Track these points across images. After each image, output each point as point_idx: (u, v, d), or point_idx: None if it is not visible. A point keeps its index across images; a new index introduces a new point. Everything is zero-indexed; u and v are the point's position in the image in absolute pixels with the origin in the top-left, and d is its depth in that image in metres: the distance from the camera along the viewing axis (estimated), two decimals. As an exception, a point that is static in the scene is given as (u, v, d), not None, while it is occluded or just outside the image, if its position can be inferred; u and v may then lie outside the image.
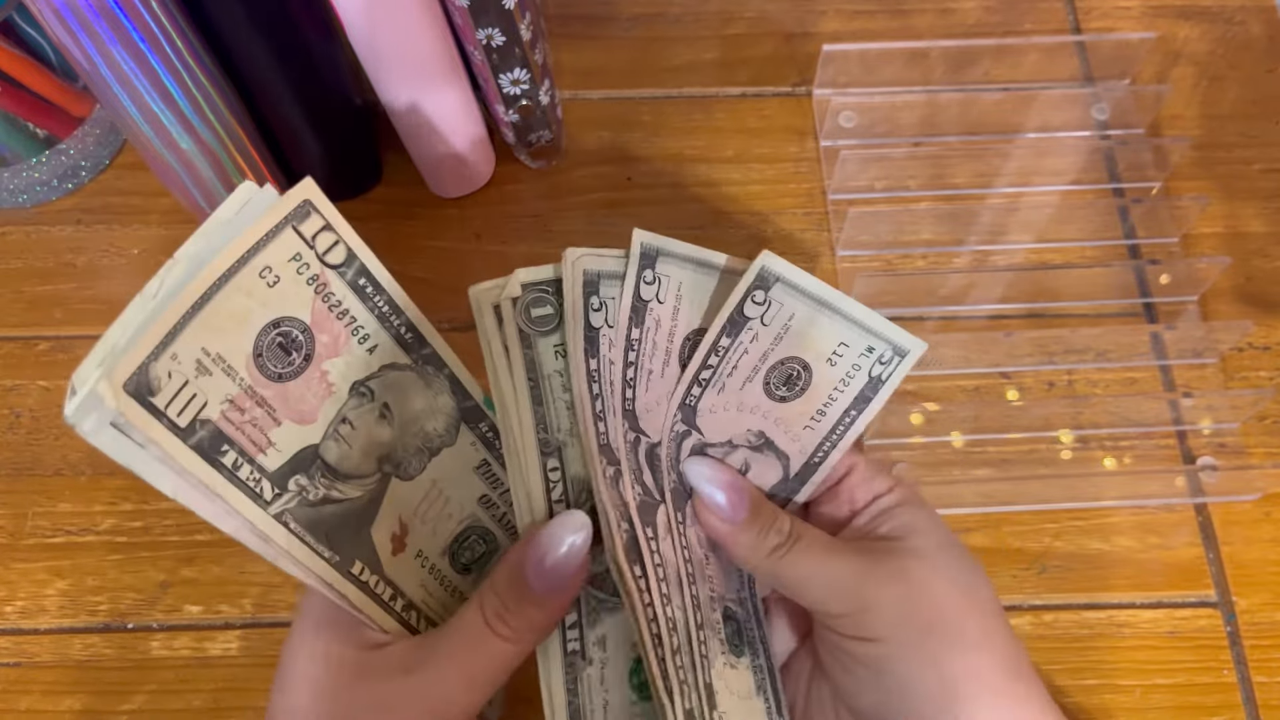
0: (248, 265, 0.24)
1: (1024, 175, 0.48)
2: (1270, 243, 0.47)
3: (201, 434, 0.23)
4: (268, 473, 0.25)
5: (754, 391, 0.31)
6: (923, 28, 0.53)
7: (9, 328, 0.45)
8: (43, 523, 0.41)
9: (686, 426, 0.31)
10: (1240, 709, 0.38)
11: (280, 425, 0.25)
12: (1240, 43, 0.52)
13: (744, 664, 0.32)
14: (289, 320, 0.25)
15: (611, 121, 0.50)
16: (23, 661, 0.39)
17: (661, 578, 0.30)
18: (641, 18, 0.53)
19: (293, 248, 0.25)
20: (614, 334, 0.29)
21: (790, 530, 0.30)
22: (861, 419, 0.31)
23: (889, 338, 0.30)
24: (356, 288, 0.26)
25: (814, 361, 0.31)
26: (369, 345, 0.27)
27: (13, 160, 0.45)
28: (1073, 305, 0.45)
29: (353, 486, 0.27)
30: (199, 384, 0.23)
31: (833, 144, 0.49)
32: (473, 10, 0.39)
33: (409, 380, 0.29)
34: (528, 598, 0.28)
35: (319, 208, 0.25)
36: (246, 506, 0.24)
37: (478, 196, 0.48)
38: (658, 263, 0.29)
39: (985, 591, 0.29)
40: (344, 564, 0.27)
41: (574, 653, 0.30)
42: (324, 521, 0.26)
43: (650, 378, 0.30)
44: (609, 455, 0.29)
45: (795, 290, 0.30)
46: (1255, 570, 0.40)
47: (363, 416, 0.27)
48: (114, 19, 0.35)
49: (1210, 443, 0.42)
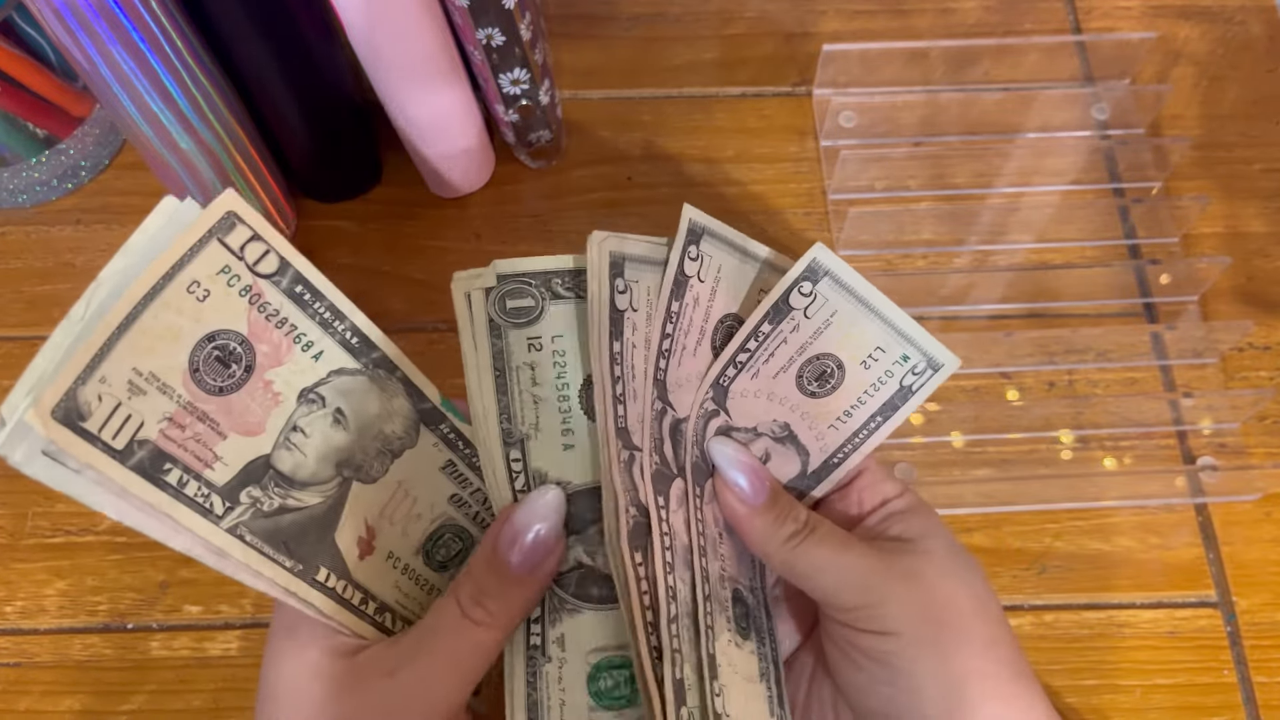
0: (173, 281, 0.23)
1: (1024, 175, 0.48)
2: (1270, 243, 0.47)
3: (141, 454, 0.23)
4: (216, 487, 0.25)
5: (786, 382, 0.31)
6: (923, 28, 0.53)
7: (8, 328, 0.45)
8: (42, 523, 0.41)
9: (716, 407, 0.31)
10: (1240, 709, 0.38)
11: (226, 439, 0.25)
12: (1240, 43, 0.52)
13: (749, 648, 0.32)
14: (224, 333, 0.25)
15: (611, 121, 0.50)
16: (22, 661, 0.39)
17: (668, 546, 0.29)
18: (641, 18, 0.53)
19: (220, 260, 0.24)
20: (650, 308, 0.29)
21: (806, 520, 0.30)
22: (886, 426, 0.31)
23: (925, 349, 0.30)
24: (294, 295, 0.26)
25: (849, 361, 0.31)
26: (313, 352, 0.27)
27: (12, 160, 0.45)
28: (1073, 305, 0.45)
29: (311, 493, 0.27)
30: (133, 405, 0.23)
31: (833, 144, 0.49)
32: (473, 10, 0.39)
33: (361, 384, 0.28)
34: (507, 578, 0.28)
35: (244, 218, 0.25)
36: (196, 523, 0.24)
37: (478, 196, 0.48)
38: (702, 241, 0.29)
39: (990, 597, 0.29)
40: (308, 572, 0.27)
41: (535, 647, 0.30)
42: (282, 531, 0.26)
43: (684, 353, 0.30)
44: (625, 439, 0.29)
45: (842, 287, 0.30)
46: (1255, 570, 0.40)
47: (315, 423, 0.27)
48: (114, 19, 0.35)
49: (1210, 443, 0.42)
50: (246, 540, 0.25)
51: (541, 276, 0.29)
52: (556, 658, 0.30)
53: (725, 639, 0.31)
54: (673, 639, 0.28)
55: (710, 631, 0.30)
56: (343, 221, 0.47)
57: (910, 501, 0.31)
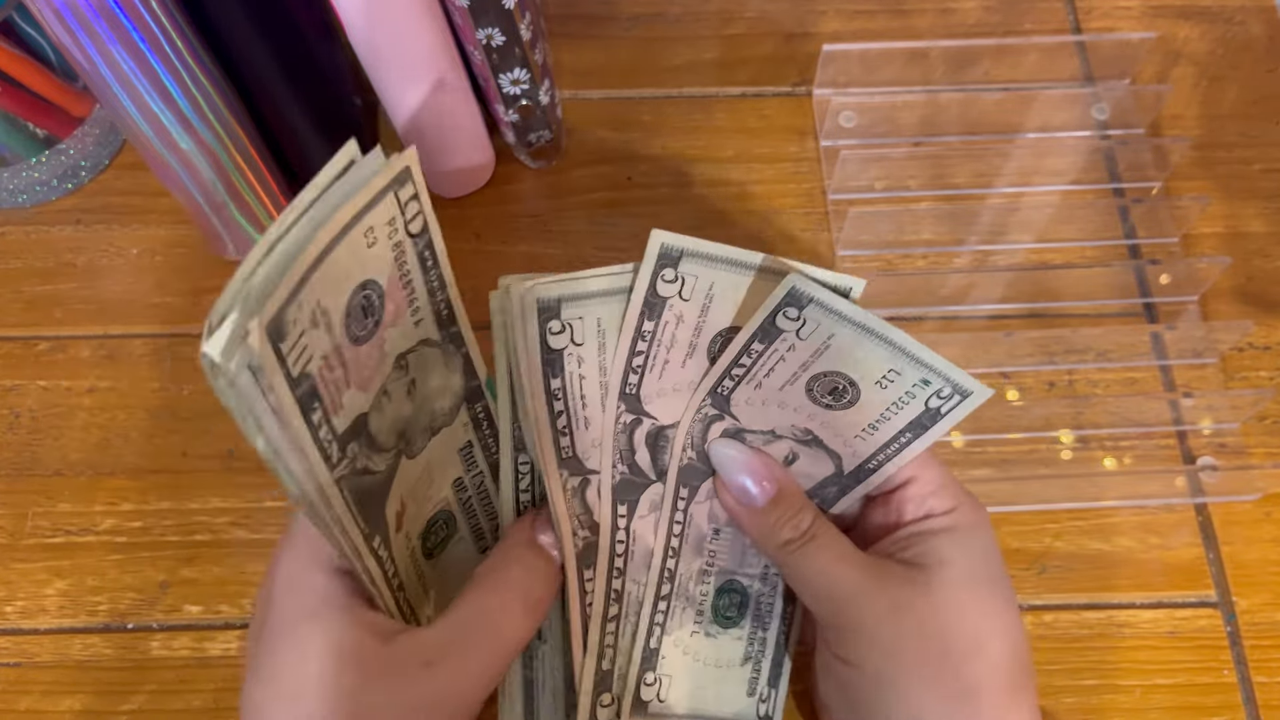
0: (359, 224, 0.23)
1: (1024, 175, 0.48)
2: (1270, 243, 0.47)
3: (304, 387, 0.22)
4: (337, 434, 0.24)
5: (796, 394, 0.30)
6: (923, 28, 0.53)
7: (9, 328, 0.45)
8: (42, 523, 0.41)
9: (719, 411, 0.31)
10: (1240, 709, 0.38)
11: (349, 389, 0.24)
12: (1240, 43, 0.52)
13: (732, 635, 0.33)
14: (372, 284, 0.24)
15: (611, 121, 0.50)
16: (22, 662, 0.39)
17: (620, 554, 0.31)
18: (641, 18, 0.53)
19: (390, 212, 0.24)
20: (601, 337, 0.29)
21: (808, 529, 0.29)
22: (920, 442, 0.30)
23: (947, 375, 0.29)
24: (421, 259, 0.26)
25: (861, 381, 0.30)
26: (417, 318, 0.27)
27: (12, 160, 0.45)
28: (1073, 305, 0.45)
29: (380, 460, 0.26)
30: (310, 336, 0.22)
31: (833, 144, 0.49)
32: (473, 10, 0.39)
33: (434, 357, 0.28)
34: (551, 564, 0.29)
35: (414, 176, 0.24)
36: (320, 468, 0.23)
37: (478, 196, 0.48)
38: (681, 263, 0.29)
39: (1003, 640, 0.27)
40: (370, 537, 0.26)
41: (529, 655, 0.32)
42: (361, 492, 0.25)
43: (667, 367, 0.30)
44: (573, 467, 0.30)
45: (834, 314, 0.28)
46: (1255, 570, 0.40)
47: (397, 390, 0.27)
48: (114, 19, 0.35)
49: (1210, 443, 0.42)
50: (344, 494, 0.24)
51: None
52: (550, 641, 0.32)
53: (684, 632, 0.33)
54: (606, 636, 0.31)
55: (658, 629, 0.32)
56: (343, 221, 0.47)
57: (950, 522, 0.29)
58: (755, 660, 0.33)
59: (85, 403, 0.43)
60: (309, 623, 0.25)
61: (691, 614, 0.33)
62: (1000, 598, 0.28)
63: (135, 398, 0.43)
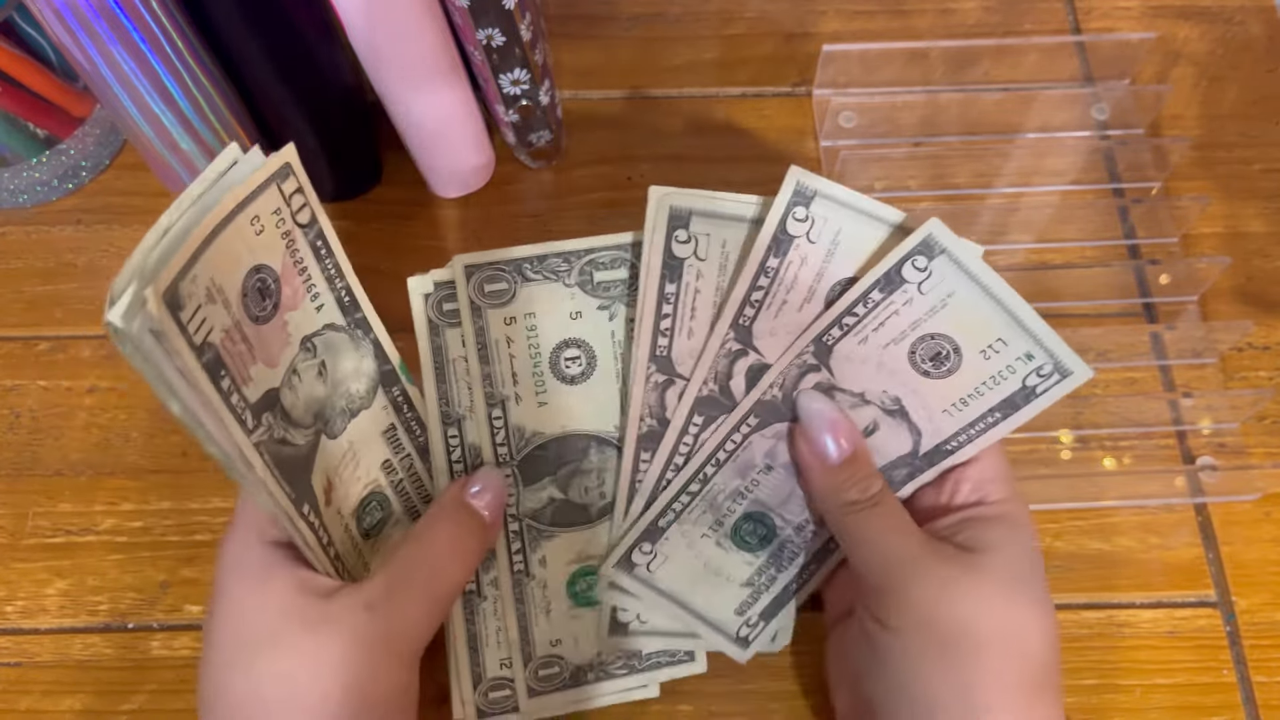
0: (243, 212, 0.26)
1: (1024, 175, 0.48)
2: (1270, 243, 0.47)
3: (209, 355, 0.25)
4: (249, 403, 0.26)
5: (898, 355, 0.30)
6: (923, 28, 0.53)
7: (9, 328, 0.45)
8: (43, 523, 0.41)
9: (817, 362, 0.31)
10: (1240, 709, 0.38)
11: (256, 364, 0.27)
12: (1240, 43, 0.52)
13: (743, 558, 0.34)
14: (266, 268, 0.27)
15: (611, 122, 0.50)
16: (23, 661, 0.39)
17: (682, 453, 0.32)
18: (641, 18, 0.53)
19: (275, 203, 0.27)
20: (725, 259, 0.31)
21: (875, 495, 0.30)
22: (1006, 424, 0.30)
23: (1054, 351, 0.29)
24: (314, 248, 0.29)
25: (966, 347, 0.30)
26: (318, 303, 0.29)
27: (13, 160, 0.45)
28: (1073, 305, 0.45)
29: (298, 434, 0.29)
30: (208, 310, 0.25)
31: (833, 144, 0.49)
32: (473, 10, 0.39)
33: (342, 341, 0.31)
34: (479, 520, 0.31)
35: (296, 172, 0.28)
36: (236, 430, 0.25)
37: (478, 196, 0.48)
38: (814, 203, 0.29)
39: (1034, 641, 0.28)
40: (299, 503, 0.28)
41: (519, 571, 0.33)
42: (283, 460, 0.28)
43: (784, 307, 0.31)
44: (662, 365, 0.31)
45: (961, 269, 0.28)
46: (1255, 570, 0.40)
47: (307, 370, 0.29)
48: (114, 19, 0.35)
49: (1210, 443, 0.42)
50: (265, 458, 0.27)
51: (514, 263, 0.32)
52: (539, 575, 0.34)
53: (697, 532, 0.33)
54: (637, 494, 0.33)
55: (674, 514, 0.33)
56: (343, 221, 0.47)
57: (1002, 511, 0.30)
58: (756, 589, 0.34)
59: (86, 403, 0.43)
60: (253, 590, 0.27)
61: (710, 520, 0.33)
62: (1041, 594, 0.29)
63: (136, 398, 0.44)
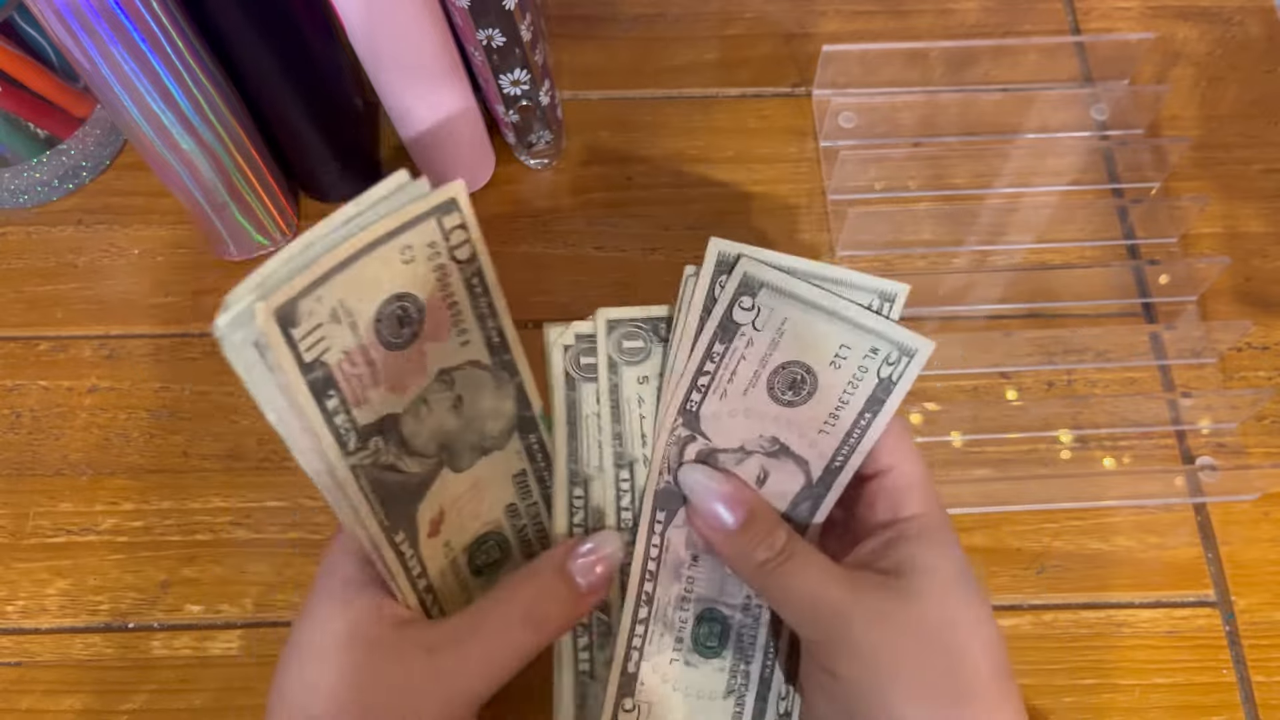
0: (394, 240, 0.26)
1: (1023, 175, 0.48)
2: (1269, 243, 0.47)
3: (318, 373, 0.25)
4: (357, 425, 0.27)
5: (759, 397, 0.31)
6: (922, 28, 0.53)
7: (10, 328, 0.45)
8: (44, 522, 0.41)
9: (690, 431, 0.31)
10: (1239, 709, 0.38)
11: (378, 388, 0.27)
12: (1239, 43, 0.52)
13: (714, 665, 0.33)
14: (410, 297, 0.27)
15: (611, 121, 0.50)
16: (24, 661, 0.39)
17: (654, 556, 0.32)
18: (641, 18, 0.53)
19: (431, 235, 0.27)
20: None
21: (783, 547, 0.30)
22: (878, 421, 0.31)
23: (892, 337, 0.30)
24: (469, 285, 0.29)
25: (816, 365, 0.30)
26: (463, 339, 0.30)
27: (13, 160, 0.45)
28: (1072, 305, 0.45)
29: (414, 463, 0.29)
30: (329, 329, 0.25)
31: (832, 144, 0.49)
32: (473, 11, 0.39)
33: (484, 379, 0.31)
34: (572, 590, 0.29)
35: (461, 208, 0.28)
36: (332, 449, 0.26)
37: (478, 196, 0.48)
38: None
39: (980, 647, 0.28)
40: (391, 530, 0.28)
41: (584, 672, 0.32)
42: (384, 486, 0.28)
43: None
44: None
45: (784, 296, 0.29)
46: (1254, 570, 0.40)
47: (439, 402, 0.29)
48: (115, 19, 0.35)
49: (1209, 442, 0.42)
50: (360, 482, 0.27)
51: (651, 322, 0.32)
52: (601, 678, 0.32)
53: (665, 659, 0.32)
54: (634, 638, 0.32)
55: (638, 652, 0.32)
56: (343, 222, 0.47)
57: (920, 526, 0.30)
58: (739, 694, 0.33)
59: (86, 403, 0.43)
60: (330, 602, 0.28)
61: (670, 641, 0.32)
62: (978, 602, 0.29)
63: (136, 398, 0.44)
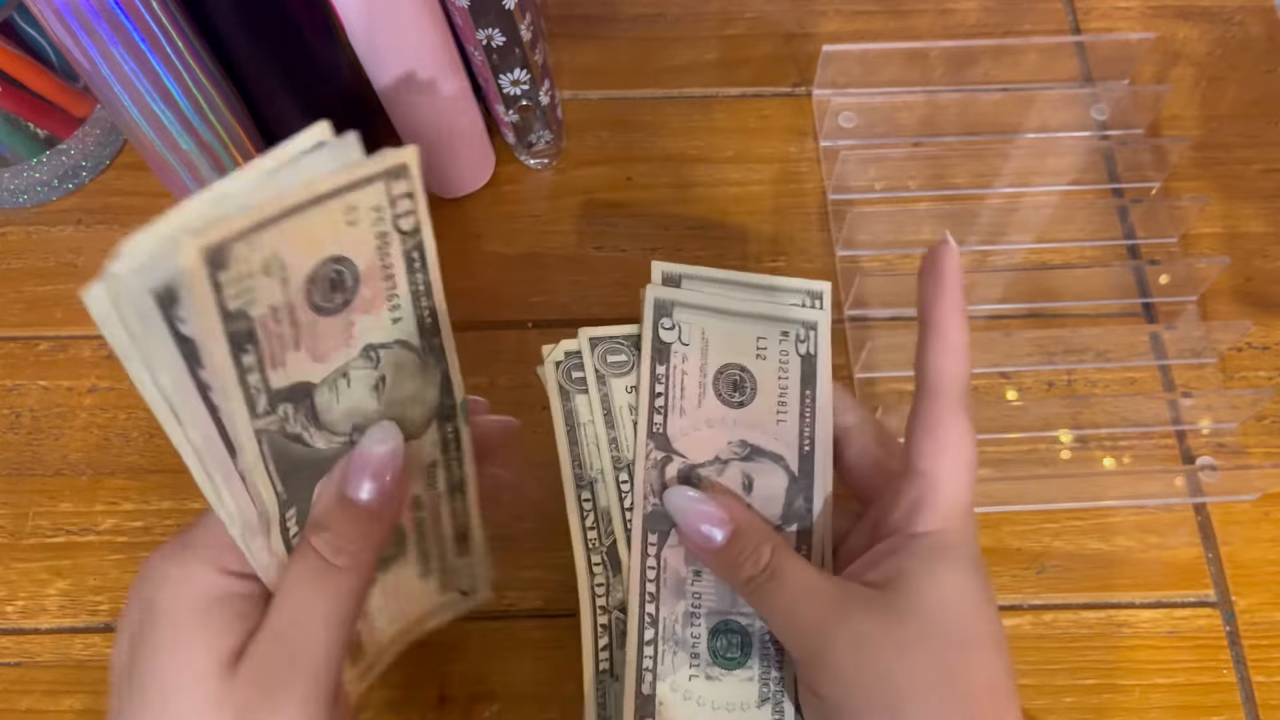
0: (340, 198, 0.24)
1: (1023, 175, 0.48)
2: (1269, 243, 0.47)
3: (239, 325, 0.23)
4: (270, 388, 0.25)
5: (713, 405, 0.32)
6: (922, 28, 0.53)
7: (9, 328, 0.45)
8: (43, 522, 0.41)
9: (665, 452, 0.32)
10: (1240, 709, 0.38)
11: (298, 352, 0.25)
12: (1239, 43, 0.52)
13: (740, 676, 0.32)
14: (347, 262, 0.26)
15: (611, 121, 0.50)
16: (23, 661, 0.39)
17: (651, 579, 0.32)
18: (641, 18, 0.53)
19: (378, 199, 0.25)
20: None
21: (768, 563, 0.29)
22: (820, 394, 0.33)
23: (791, 317, 0.32)
24: (408, 258, 0.27)
25: (746, 362, 0.32)
26: (395, 315, 0.28)
27: (13, 160, 0.45)
28: (1072, 305, 0.45)
29: (322, 438, 0.27)
30: (258, 281, 0.23)
31: (833, 144, 0.49)
32: (473, 10, 0.39)
33: (410, 362, 0.29)
34: (361, 516, 0.27)
35: (412, 175, 0.26)
36: (239, 409, 0.24)
37: (478, 196, 0.48)
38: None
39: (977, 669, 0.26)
40: (285, 505, 0.27)
41: (604, 671, 0.32)
42: (287, 457, 0.26)
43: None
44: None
45: (693, 309, 0.32)
46: (1254, 570, 0.40)
47: (361, 379, 0.28)
48: (114, 19, 0.35)
49: (1209, 442, 0.42)
50: (261, 448, 0.25)
51: (631, 339, 0.33)
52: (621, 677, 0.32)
53: (682, 676, 0.31)
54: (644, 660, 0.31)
55: (651, 674, 0.31)
56: (343, 221, 0.47)
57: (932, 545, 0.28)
58: (776, 701, 0.32)
59: (86, 402, 0.43)
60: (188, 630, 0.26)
61: (685, 657, 0.32)
62: (979, 629, 0.27)
63: (136, 397, 0.43)
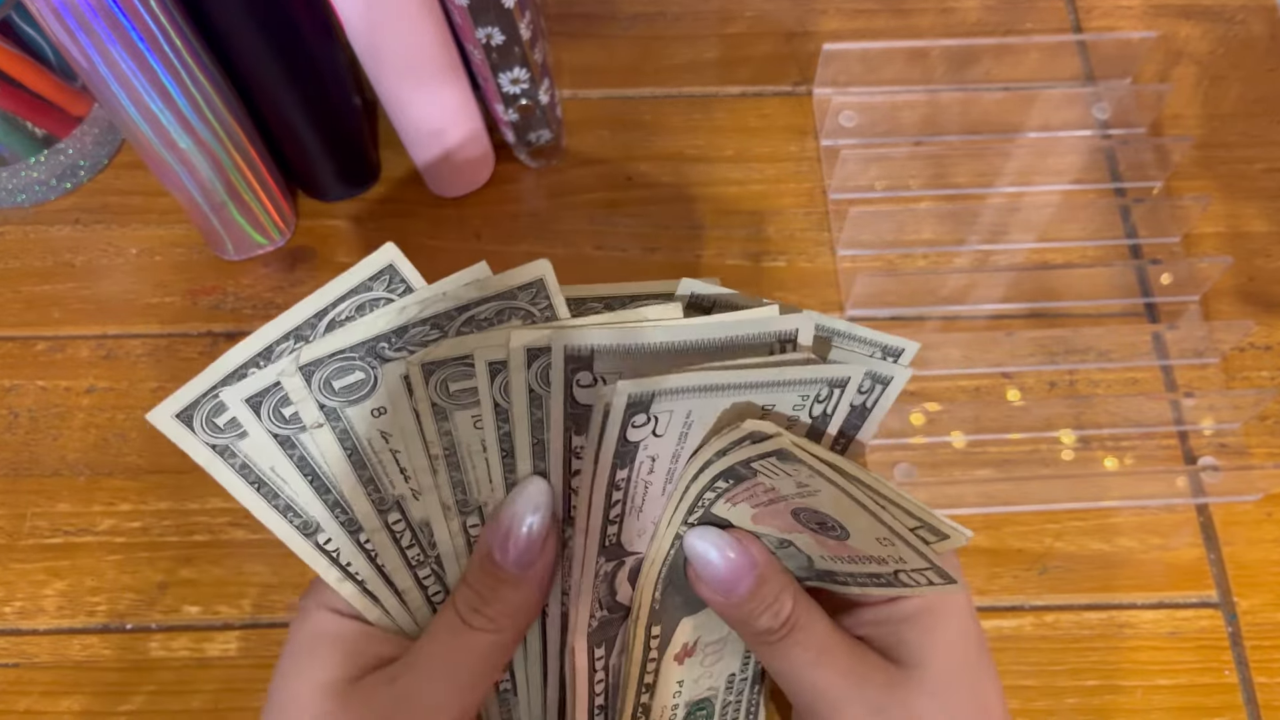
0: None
1: (1025, 175, 0.48)
2: (1272, 242, 0.47)
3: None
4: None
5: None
6: (923, 27, 0.53)
7: (7, 328, 0.45)
8: (41, 523, 0.41)
9: (615, 561, 0.28)
10: (1242, 710, 0.38)
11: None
12: (1242, 42, 0.52)
13: None
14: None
15: (611, 121, 0.50)
16: (21, 662, 0.39)
17: (599, 691, 0.29)
18: (641, 17, 0.53)
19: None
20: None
21: (788, 619, 0.28)
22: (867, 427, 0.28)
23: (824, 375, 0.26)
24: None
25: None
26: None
27: (11, 160, 0.45)
28: (1074, 305, 0.45)
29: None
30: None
31: (833, 143, 0.49)
32: (472, 9, 0.38)
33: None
34: (502, 579, 0.27)
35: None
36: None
37: (477, 196, 0.48)
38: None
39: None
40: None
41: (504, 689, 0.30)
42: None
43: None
44: (611, 553, 0.27)
45: (679, 394, 0.25)
46: (1257, 571, 0.40)
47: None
48: (113, 18, 0.34)
49: (1212, 443, 0.42)
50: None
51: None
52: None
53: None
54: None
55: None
56: (342, 221, 0.47)
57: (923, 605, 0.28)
58: None
59: (84, 403, 0.43)
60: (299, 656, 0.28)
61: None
62: (983, 691, 0.27)
63: (134, 398, 0.43)
